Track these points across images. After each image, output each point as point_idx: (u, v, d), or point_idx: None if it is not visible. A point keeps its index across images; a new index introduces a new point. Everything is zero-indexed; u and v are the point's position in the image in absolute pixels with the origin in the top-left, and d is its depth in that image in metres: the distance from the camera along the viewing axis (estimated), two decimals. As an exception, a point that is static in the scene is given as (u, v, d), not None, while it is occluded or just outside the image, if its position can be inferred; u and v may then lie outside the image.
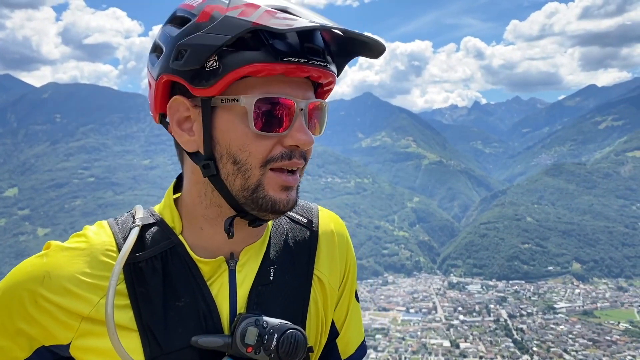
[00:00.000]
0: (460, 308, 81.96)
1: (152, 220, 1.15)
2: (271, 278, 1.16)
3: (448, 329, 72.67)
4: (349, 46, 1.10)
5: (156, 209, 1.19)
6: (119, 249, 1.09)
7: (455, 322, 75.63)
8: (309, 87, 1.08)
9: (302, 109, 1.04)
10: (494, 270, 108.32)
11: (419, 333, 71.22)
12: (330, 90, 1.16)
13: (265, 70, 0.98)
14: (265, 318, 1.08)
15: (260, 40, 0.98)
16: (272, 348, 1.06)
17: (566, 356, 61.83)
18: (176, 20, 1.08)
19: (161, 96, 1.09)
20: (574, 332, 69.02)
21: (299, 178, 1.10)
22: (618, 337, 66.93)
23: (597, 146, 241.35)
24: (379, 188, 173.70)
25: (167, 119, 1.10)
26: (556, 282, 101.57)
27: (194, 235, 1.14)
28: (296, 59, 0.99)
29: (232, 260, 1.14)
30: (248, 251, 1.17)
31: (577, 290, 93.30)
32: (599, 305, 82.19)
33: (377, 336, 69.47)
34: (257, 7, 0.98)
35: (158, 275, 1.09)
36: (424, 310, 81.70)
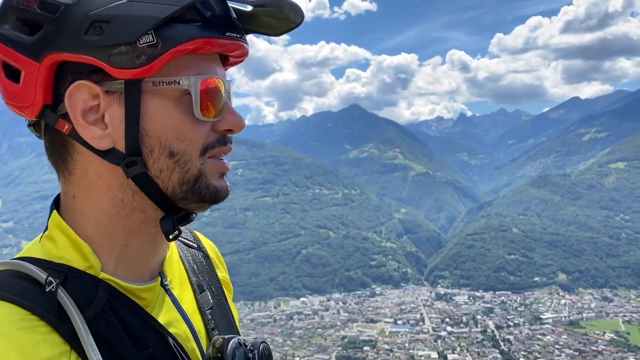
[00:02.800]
0: (447, 319, 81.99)
1: (61, 276, 0.84)
2: (211, 300, 1.07)
3: (436, 341, 72.62)
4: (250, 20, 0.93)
5: (38, 254, 0.88)
6: (48, 322, 0.78)
7: (443, 333, 75.65)
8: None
9: (227, 90, 0.92)
10: (481, 281, 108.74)
11: (406, 345, 71.11)
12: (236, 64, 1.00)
13: (207, 46, 0.83)
14: (242, 337, 0.99)
15: (198, 13, 0.83)
16: None
17: (553, 366, 62.13)
18: None
19: (46, 83, 0.82)
20: (560, 343, 69.38)
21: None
22: (604, 347, 67.40)
23: (581, 158, 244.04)
24: (367, 199, 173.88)
25: (59, 112, 0.84)
26: (542, 293, 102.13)
27: (116, 260, 0.91)
28: (235, 34, 0.86)
29: (163, 278, 1.00)
30: (167, 264, 1.03)
31: (562, 301, 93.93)
32: (584, 315, 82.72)
33: (365, 348, 69.23)
34: None
35: (117, 328, 0.85)
36: (411, 321, 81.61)
